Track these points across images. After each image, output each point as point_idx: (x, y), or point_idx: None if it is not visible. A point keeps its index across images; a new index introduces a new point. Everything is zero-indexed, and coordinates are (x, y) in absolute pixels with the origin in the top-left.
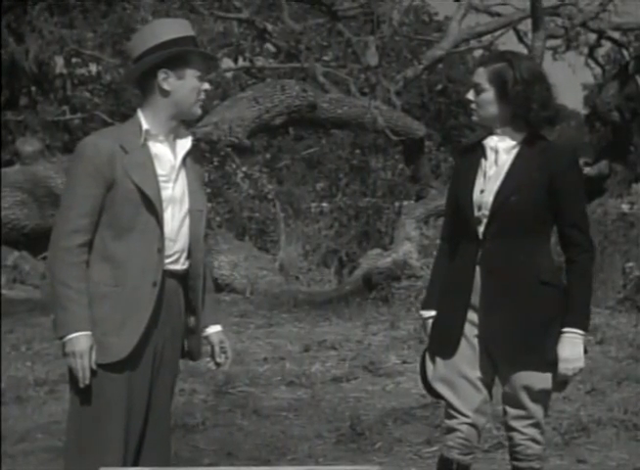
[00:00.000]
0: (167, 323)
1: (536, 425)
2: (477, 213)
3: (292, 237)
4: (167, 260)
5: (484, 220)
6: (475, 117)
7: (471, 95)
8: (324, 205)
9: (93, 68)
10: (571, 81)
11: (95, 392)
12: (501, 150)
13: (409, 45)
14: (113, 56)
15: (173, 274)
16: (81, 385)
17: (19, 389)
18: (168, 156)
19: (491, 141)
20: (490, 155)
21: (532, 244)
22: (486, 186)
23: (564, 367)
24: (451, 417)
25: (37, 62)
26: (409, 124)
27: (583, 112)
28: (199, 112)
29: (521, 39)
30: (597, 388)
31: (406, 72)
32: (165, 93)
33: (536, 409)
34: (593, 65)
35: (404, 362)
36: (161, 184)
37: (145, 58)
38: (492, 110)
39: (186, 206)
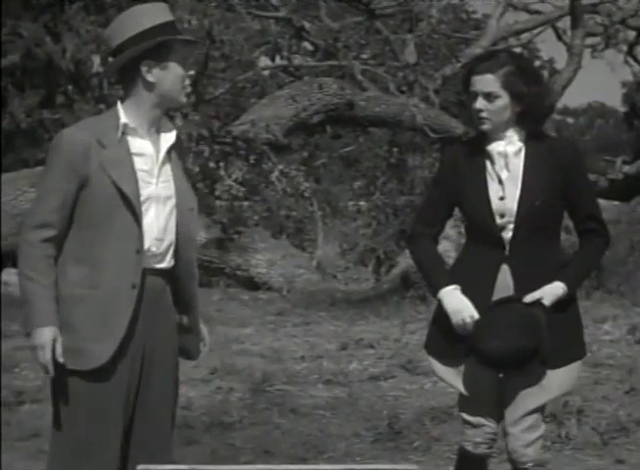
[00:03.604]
0: (155, 323)
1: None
2: (499, 221)
3: (329, 235)
4: (154, 259)
5: (510, 226)
6: (487, 126)
7: (481, 104)
8: (361, 203)
9: None
10: (609, 79)
11: (77, 399)
12: (510, 154)
13: (447, 43)
14: None
15: (159, 273)
16: (50, 376)
17: None
18: (150, 150)
19: (498, 146)
20: (499, 160)
21: (555, 240)
22: (506, 193)
23: None
24: (477, 414)
25: (74, 61)
26: (447, 122)
27: (622, 109)
28: (184, 100)
29: (559, 37)
30: (636, 388)
31: (444, 70)
32: (150, 85)
33: (539, 414)
34: (632, 62)
35: None
36: (143, 181)
37: (126, 49)
38: (506, 114)
39: (172, 202)
